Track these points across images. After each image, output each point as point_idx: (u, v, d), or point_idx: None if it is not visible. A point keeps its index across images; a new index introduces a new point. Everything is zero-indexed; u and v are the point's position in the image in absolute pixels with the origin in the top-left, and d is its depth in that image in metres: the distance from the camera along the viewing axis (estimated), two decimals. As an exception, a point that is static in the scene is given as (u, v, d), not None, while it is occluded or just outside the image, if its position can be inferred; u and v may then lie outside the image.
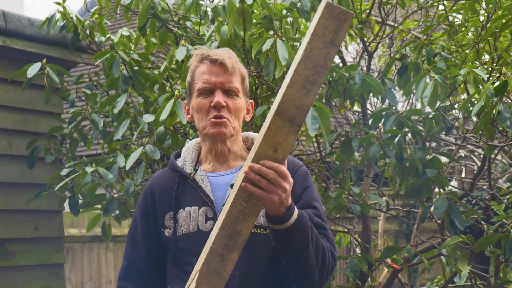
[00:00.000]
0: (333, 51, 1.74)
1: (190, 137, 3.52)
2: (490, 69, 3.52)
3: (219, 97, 2.07)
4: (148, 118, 3.33)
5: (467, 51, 3.71)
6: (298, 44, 3.55)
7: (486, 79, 3.20)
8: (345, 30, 1.72)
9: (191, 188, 2.13)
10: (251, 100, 2.20)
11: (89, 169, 3.42)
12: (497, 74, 3.36)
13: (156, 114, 3.27)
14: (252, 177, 1.81)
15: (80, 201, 3.76)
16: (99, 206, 3.72)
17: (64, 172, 3.64)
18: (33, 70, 3.66)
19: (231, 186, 2.07)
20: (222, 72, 2.09)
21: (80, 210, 3.78)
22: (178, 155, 2.25)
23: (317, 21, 1.68)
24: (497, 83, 3.13)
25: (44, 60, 3.75)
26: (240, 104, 2.11)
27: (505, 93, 3.07)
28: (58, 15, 3.89)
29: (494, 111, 3.03)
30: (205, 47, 2.20)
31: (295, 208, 1.94)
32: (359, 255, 3.68)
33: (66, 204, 4.05)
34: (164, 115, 3.18)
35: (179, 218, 2.11)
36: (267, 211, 1.92)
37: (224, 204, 2.01)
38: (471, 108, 3.31)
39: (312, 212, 2.08)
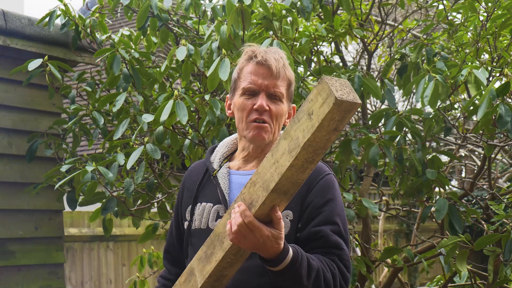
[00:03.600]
0: (334, 136, 1.75)
1: (189, 137, 3.52)
2: (490, 69, 3.51)
3: (262, 101, 2.06)
4: (148, 118, 3.33)
5: (467, 50, 3.71)
6: (297, 44, 3.55)
7: (485, 81, 3.19)
8: (350, 117, 1.74)
9: (212, 184, 2.15)
10: (294, 105, 2.19)
11: (89, 168, 3.41)
12: (497, 74, 3.35)
13: (155, 114, 3.27)
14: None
15: (79, 198, 3.76)
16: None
17: (64, 168, 3.64)
18: (34, 65, 3.66)
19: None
20: (269, 74, 2.07)
21: (78, 205, 3.78)
22: (214, 149, 2.27)
23: (324, 115, 1.68)
24: (498, 83, 3.13)
25: (46, 57, 3.75)
26: (282, 110, 2.10)
27: (507, 94, 3.06)
28: (59, 12, 3.89)
29: (495, 112, 3.02)
30: (256, 44, 2.18)
31: (290, 251, 1.90)
32: (358, 257, 3.68)
33: (66, 204, 4.05)
34: (164, 116, 3.17)
35: (195, 213, 2.15)
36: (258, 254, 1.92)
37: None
38: (471, 108, 3.31)
39: (330, 229, 2.03)
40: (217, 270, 1.93)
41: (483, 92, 3.07)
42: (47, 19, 3.89)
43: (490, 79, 3.49)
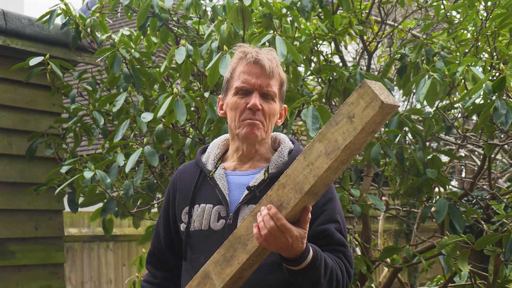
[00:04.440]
0: (370, 137, 1.80)
1: (190, 136, 3.52)
2: (490, 68, 3.51)
3: (256, 100, 2.07)
4: (147, 116, 3.32)
5: (466, 50, 3.71)
6: (297, 43, 3.55)
7: (482, 77, 3.19)
8: (387, 119, 1.79)
9: (209, 185, 2.14)
10: (285, 105, 2.21)
11: (87, 174, 3.38)
12: (494, 71, 3.35)
13: (154, 112, 3.26)
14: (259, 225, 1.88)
15: (80, 200, 3.76)
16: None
17: (64, 169, 3.63)
18: (35, 61, 3.67)
19: (248, 188, 2.08)
20: (262, 74, 2.09)
21: (79, 207, 3.78)
22: (205, 150, 2.26)
23: (368, 119, 1.73)
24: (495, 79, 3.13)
25: (48, 55, 3.76)
26: (275, 109, 2.11)
27: (504, 90, 3.06)
28: (59, 11, 3.89)
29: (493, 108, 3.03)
30: (248, 45, 2.19)
31: (310, 250, 1.93)
32: (358, 256, 3.68)
33: (66, 204, 4.05)
34: (161, 112, 3.17)
35: (194, 214, 2.13)
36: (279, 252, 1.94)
37: (238, 204, 2.07)
38: (468, 104, 3.31)
39: (335, 228, 2.08)
40: (238, 272, 1.94)
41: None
42: (47, 17, 3.89)
43: (487, 74, 3.49)
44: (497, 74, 3.26)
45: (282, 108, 2.17)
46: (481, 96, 3.08)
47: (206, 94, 3.38)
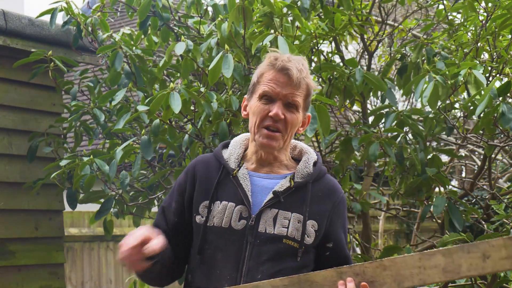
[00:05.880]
0: None
1: (188, 132, 3.52)
2: (489, 68, 3.51)
3: (278, 110, 2.09)
4: (142, 107, 3.32)
5: (466, 50, 3.71)
6: (297, 42, 3.55)
7: (485, 81, 3.19)
8: None
9: (232, 184, 2.15)
10: (309, 114, 2.23)
11: (86, 158, 3.40)
12: (497, 74, 3.35)
13: (151, 105, 3.25)
14: None
15: (78, 194, 3.76)
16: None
17: (63, 163, 3.63)
18: (37, 55, 3.68)
19: (273, 193, 2.11)
20: (288, 84, 2.10)
21: (78, 203, 3.78)
22: (225, 146, 2.26)
23: (502, 268, 1.85)
24: (498, 83, 3.12)
25: (50, 52, 3.76)
26: (297, 120, 2.13)
27: (508, 94, 3.06)
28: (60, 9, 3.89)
29: (496, 112, 3.02)
30: (279, 50, 2.21)
31: None
32: (359, 255, 3.68)
33: (66, 204, 4.05)
34: (156, 104, 3.17)
35: (214, 210, 2.13)
36: None
37: (262, 207, 2.09)
38: (471, 108, 3.31)
39: (344, 243, 2.20)
40: None
41: (483, 92, 3.08)
42: (49, 16, 3.90)
43: (490, 78, 3.49)
44: (497, 75, 3.26)
45: (305, 117, 2.20)
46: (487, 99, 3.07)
47: (202, 89, 3.37)
